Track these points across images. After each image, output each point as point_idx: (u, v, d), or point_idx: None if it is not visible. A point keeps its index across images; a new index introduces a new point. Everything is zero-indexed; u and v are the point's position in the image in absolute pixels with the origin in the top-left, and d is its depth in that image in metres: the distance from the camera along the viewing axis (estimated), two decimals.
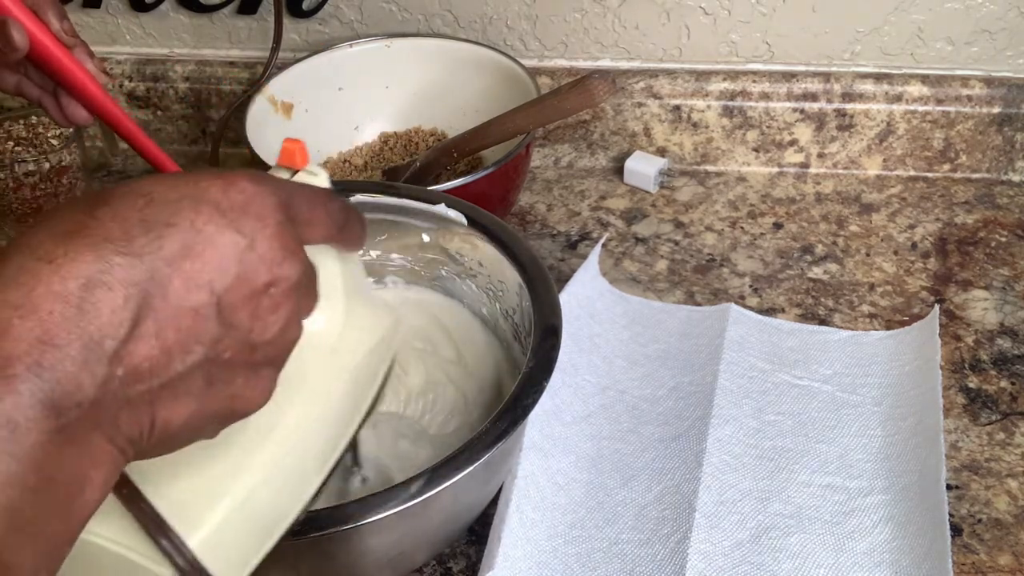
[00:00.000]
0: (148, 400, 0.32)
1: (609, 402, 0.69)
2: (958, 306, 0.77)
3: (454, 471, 0.50)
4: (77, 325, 0.30)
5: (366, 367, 0.47)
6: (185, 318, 0.32)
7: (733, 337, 0.72)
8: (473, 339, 0.69)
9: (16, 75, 0.59)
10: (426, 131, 0.91)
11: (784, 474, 0.64)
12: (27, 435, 0.28)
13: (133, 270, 0.31)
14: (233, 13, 0.94)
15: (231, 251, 0.33)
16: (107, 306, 0.30)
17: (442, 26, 0.92)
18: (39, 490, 0.29)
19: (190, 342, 0.32)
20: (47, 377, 0.29)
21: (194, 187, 0.33)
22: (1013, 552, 0.60)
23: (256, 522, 0.42)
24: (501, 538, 0.57)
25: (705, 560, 0.58)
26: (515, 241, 0.65)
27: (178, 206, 0.33)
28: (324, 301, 0.40)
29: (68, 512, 0.30)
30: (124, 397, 0.31)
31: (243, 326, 0.34)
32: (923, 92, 0.88)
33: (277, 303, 0.35)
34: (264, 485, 0.41)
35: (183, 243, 0.32)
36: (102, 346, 0.30)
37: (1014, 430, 0.67)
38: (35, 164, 0.80)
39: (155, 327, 0.31)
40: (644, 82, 0.90)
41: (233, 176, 0.34)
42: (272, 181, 0.36)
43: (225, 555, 0.40)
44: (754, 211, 0.88)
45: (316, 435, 0.44)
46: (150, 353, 0.31)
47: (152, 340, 0.31)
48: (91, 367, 0.30)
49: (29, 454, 0.28)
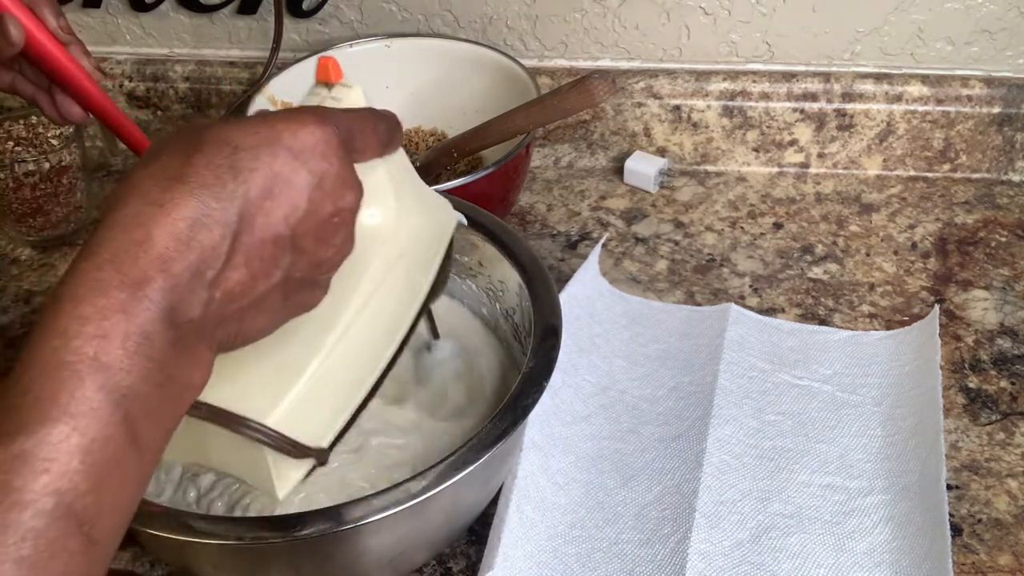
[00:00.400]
0: (238, 316, 0.39)
1: (609, 402, 0.69)
2: (958, 306, 0.77)
3: (454, 471, 0.50)
4: (187, 258, 0.36)
5: (420, 250, 0.52)
6: (267, 248, 0.38)
7: (733, 337, 0.72)
8: (473, 339, 0.69)
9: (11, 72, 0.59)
10: (426, 131, 0.91)
11: (784, 474, 0.64)
12: (156, 341, 0.35)
13: (226, 212, 0.37)
14: (233, 13, 0.94)
15: (303, 189, 0.39)
16: (208, 242, 0.36)
17: (442, 26, 0.92)
18: (163, 384, 0.36)
19: (271, 268, 0.39)
20: (168, 298, 0.35)
21: (270, 131, 0.39)
22: (1013, 552, 0.60)
23: (334, 391, 0.48)
24: (501, 538, 0.57)
25: (705, 560, 0.58)
26: (515, 241, 0.65)
27: (257, 152, 0.38)
28: (373, 197, 0.46)
29: (179, 402, 0.38)
30: (220, 314, 0.38)
31: (311, 250, 0.40)
32: (923, 92, 0.88)
33: (338, 228, 0.41)
34: (334, 362, 0.47)
35: (264, 185, 0.38)
36: (205, 275, 0.37)
37: (1014, 430, 0.67)
38: (35, 164, 0.80)
39: (244, 257, 0.38)
40: (644, 82, 0.90)
41: (303, 117, 0.40)
42: (333, 118, 0.41)
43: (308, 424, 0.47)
44: (754, 211, 0.88)
45: (380, 314, 0.50)
46: (241, 279, 0.38)
47: (243, 268, 0.38)
48: (197, 291, 0.36)
49: (158, 356, 0.35)
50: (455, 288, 0.70)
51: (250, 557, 0.51)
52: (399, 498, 0.49)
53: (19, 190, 0.81)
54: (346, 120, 0.43)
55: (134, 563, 0.61)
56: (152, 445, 0.36)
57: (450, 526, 0.57)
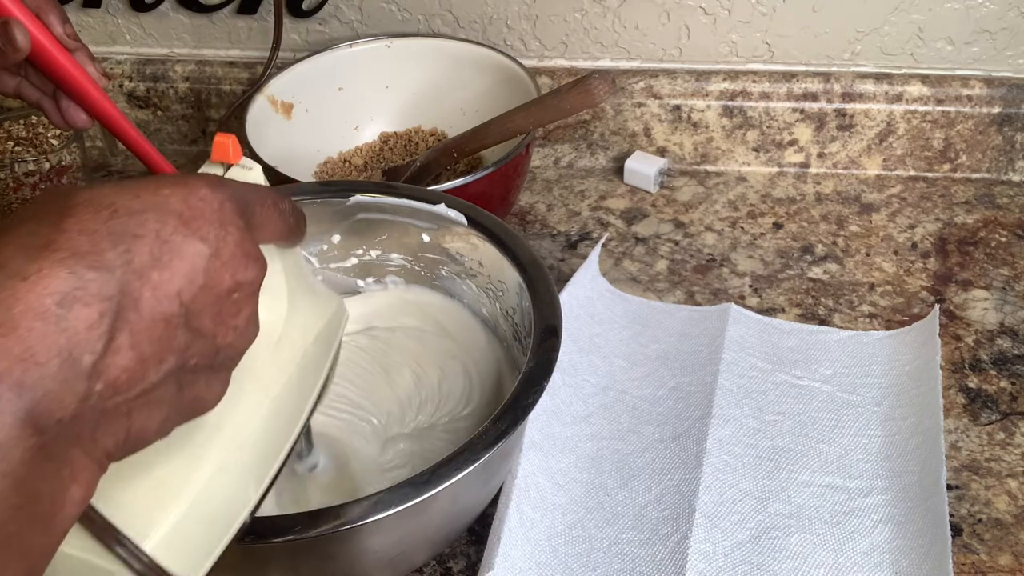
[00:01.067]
0: (125, 411, 0.32)
1: (609, 402, 0.69)
2: (958, 306, 0.77)
3: (454, 471, 0.50)
4: (56, 342, 0.30)
5: (312, 355, 0.48)
6: (157, 328, 0.32)
7: (733, 337, 0.72)
8: (473, 339, 0.69)
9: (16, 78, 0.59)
10: (426, 131, 0.91)
11: (784, 474, 0.64)
12: (10, 453, 0.29)
13: (106, 284, 0.31)
14: (233, 13, 0.94)
15: (197, 260, 0.34)
16: (84, 322, 0.30)
17: (442, 26, 0.92)
18: (21, 507, 0.29)
19: (163, 351, 0.33)
20: (28, 395, 0.29)
21: (155, 195, 0.34)
22: (1013, 552, 0.60)
23: (214, 516, 0.42)
24: (501, 538, 0.57)
25: (705, 560, 0.58)
26: (515, 241, 0.65)
27: (143, 217, 0.33)
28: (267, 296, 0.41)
29: (49, 526, 0.31)
30: (101, 410, 0.31)
31: (209, 331, 0.35)
32: (923, 92, 0.88)
33: (239, 306, 0.36)
34: (218, 480, 0.41)
35: (151, 254, 0.33)
36: (81, 361, 0.30)
37: (1014, 430, 0.67)
38: (35, 164, 0.80)
39: (130, 339, 0.32)
40: (644, 82, 0.90)
41: (193, 183, 0.35)
42: (229, 186, 0.36)
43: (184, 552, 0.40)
44: (754, 211, 0.88)
45: (267, 425, 0.44)
46: (128, 365, 0.32)
47: (128, 352, 0.32)
48: (71, 383, 0.30)
49: (12, 471, 0.29)
50: (455, 288, 0.70)
51: (250, 557, 0.51)
52: (399, 498, 0.49)
53: (19, 190, 0.81)
54: (243, 190, 0.38)
55: None
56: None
57: (450, 526, 0.57)
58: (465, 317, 0.70)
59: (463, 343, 0.68)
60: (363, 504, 0.49)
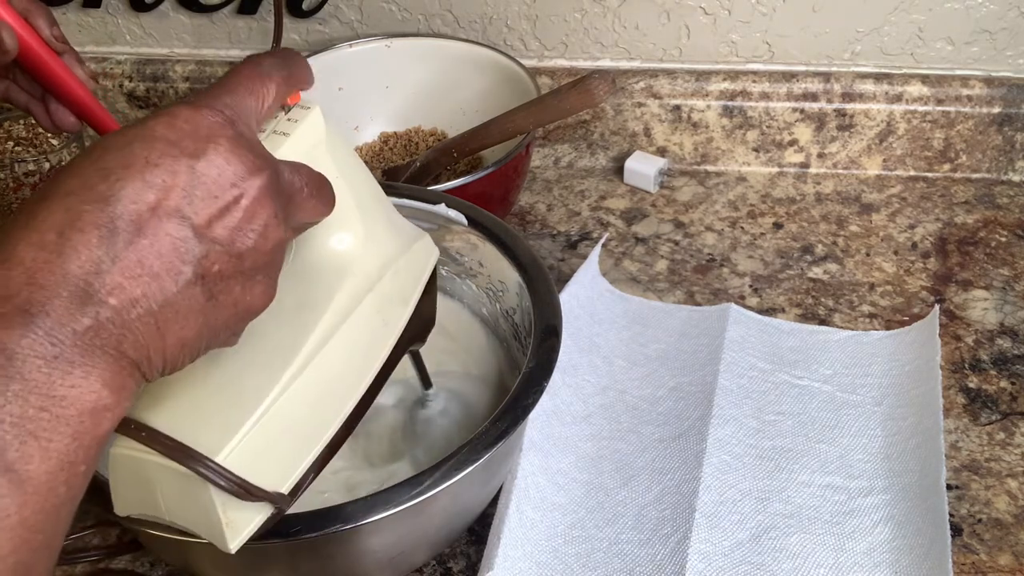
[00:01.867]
0: (152, 322, 0.35)
1: (609, 402, 0.69)
2: (958, 306, 0.77)
3: (454, 471, 0.50)
4: (59, 267, 0.33)
5: (394, 284, 0.49)
6: (163, 244, 0.35)
7: (733, 337, 0.72)
8: (473, 339, 0.69)
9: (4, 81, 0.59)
10: (426, 131, 0.91)
11: (784, 474, 0.64)
12: (24, 360, 0.32)
13: (100, 213, 0.34)
14: (233, 13, 0.94)
15: (190, 175, 0.36)
16: (83, 247, 0.33)
17: (442, 26, 0.92)
18: (44, 407, 0.32)
19: (176, 263, 0.35)
20: (37, 311, 0.32)
21: (141, 128, 0.36)
22: (1013, 552, 0.60)
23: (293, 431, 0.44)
24: (501, 538, 0.57)
25: (705, 560, 0.58)
26: (515, 241, 0.65)
27: (129, 148, 0.35)
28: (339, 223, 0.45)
29: (79, 427, 0.33)
30: (123, 322, 0.34)
31: (224, 239, 0.36)
32: (923, 92, 0.88)
33: (251, 212, 0.37)
34: (293, 398, 0.43)
35: (143, 179, 0.35)
36: (86, 280, 0.33)
37: (1014, 430, 0.67)
38: (35, 164, 0.80)
39: (136, 256, 0.34)
40: (644, 82, 0.90)
41: (175, 109, 0.37)
42: (211, 100, 0.38)
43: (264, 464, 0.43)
44: (754, 211, 0.88)
45: (346, 351, 0.46)
46: (139, 280, 0.34)
47: (137, 269, 0.34)
48: (78, 299, 0.33)
49: (29, 375, 0.32)
50: (455, 288, 0.70)
51: (250, 557, 0.51)
52: (399, 498, 0.49)
53: (19, 190, 0.81)
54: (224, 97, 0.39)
55: (134, 563, 0.61)
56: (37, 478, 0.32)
57: (450, 526, 0.57)
58: (465, 317, 0.70)
59: (463, 343, 0.68)
60: (363, 504, 0.49)
